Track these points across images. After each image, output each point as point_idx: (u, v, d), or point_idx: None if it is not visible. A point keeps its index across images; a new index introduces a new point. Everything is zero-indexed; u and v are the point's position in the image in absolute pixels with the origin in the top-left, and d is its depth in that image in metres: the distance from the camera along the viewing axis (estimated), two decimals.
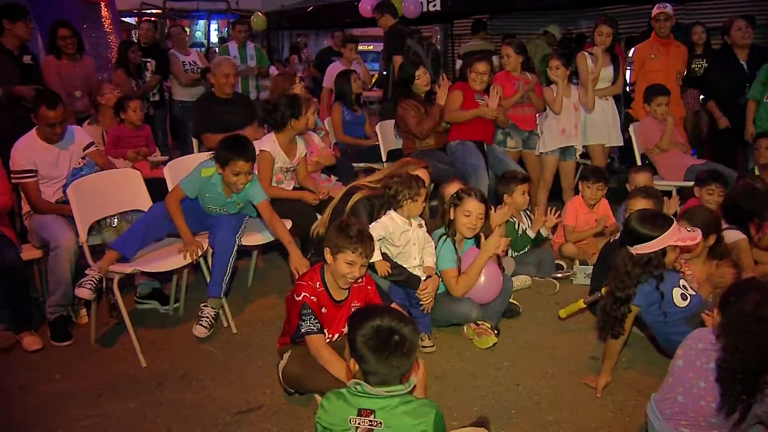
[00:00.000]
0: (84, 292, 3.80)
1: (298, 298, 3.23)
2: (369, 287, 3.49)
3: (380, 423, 2.17)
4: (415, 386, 2.27)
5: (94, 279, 3.82)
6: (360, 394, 2.21)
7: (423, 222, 4.01)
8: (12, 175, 4.30)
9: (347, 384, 2.29)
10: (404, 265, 3.89)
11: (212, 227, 4.20)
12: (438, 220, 4.29)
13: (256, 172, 4.34)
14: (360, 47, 19.43)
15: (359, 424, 2.19)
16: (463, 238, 4.23)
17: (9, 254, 4.00)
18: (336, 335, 3.35)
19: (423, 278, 3.89)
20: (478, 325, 4.06)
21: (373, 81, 11.33)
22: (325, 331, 3.25)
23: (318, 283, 3.30)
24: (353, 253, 3.19)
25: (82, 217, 4.10)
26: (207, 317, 4.09)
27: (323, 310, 3.28)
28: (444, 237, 4.12)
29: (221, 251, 4.07)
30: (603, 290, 4.00)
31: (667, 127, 5.93)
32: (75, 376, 3.78)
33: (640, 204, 4.28)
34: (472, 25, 10.04)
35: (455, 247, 4.14)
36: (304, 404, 3.40)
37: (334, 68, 8.01)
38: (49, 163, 4.39)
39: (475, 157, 5.59)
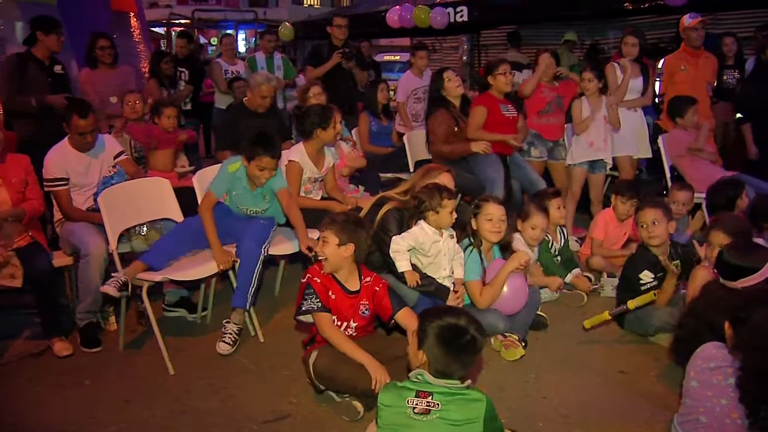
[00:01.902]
0: (109, 289, 3.84)
1: (303, 280, 3.34)
2: (377, 288, 3.52)
3: (437, 404, 2.37)
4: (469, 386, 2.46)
5: (119, 279, 3.86)
6: (421, 383, 2.41)
7: (454, 233, 4.00)
8: (45, 184, 4.36)
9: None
10: (433, 276, 3.90)
11: (239, 238, 4.23)
12: (458, 231, 4.28)
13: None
14: (386, 57, 19.64)
15: (416, 404, 2.38)
16: (491, 248, 4.21)
17: (41, 261, 4.07)
18: (344, 324, 3.40)
19: (452, 289, 3.89)
20: (505, 337, 4.04)
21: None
22: (329, 310, 3.32)
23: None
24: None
25: (112, 225, 4.16)
26: (230, 333, 4.12)
27: (331, 294, 3.36)
28: (470, 248, 4.11)
29: (247, 262, 4.10)
30: (629, 303, 3.99)
31: (702, 130, 5.88)
32: (104, 381, 3.82)
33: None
34: (508, 37, 10.02)
35: (482, 258, 4.13)
36: (331, 414, 3.40)
37: (407, 80, 7.56)
38: (81, 172, 4.45)
39: (494, 169, 5.53)
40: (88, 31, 6.37)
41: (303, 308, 3.27)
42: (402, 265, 3.84)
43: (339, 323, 3.36)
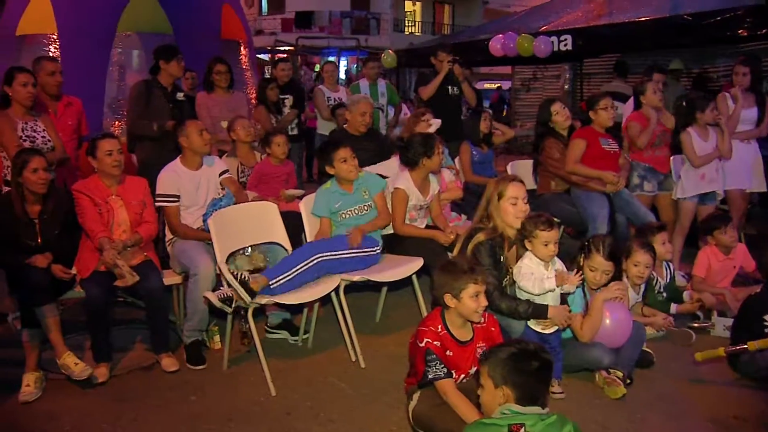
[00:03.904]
0: (211, 296, 3.97)
1: (421, 345, 3.24)
2: (493, 328, 3.45)
3: None
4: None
5: (225, 292, 3.97)
6: (510, 416, 2.41)
7: (562, 267, 3.90)
8: (156, 198, 4.56)
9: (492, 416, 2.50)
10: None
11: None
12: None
13: (390, 209, 4.63)
14: (486, 85, 19.69)
15: None
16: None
17: (153, 279, 4.24)
18: (462, 376, 3.32)
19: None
20: (609, 373, 3.92)
21: None
22: (452, 373, 3.23)
23: (439, 327, 3.30)
24: (475, 284, 3.21)
25: (221, 247, 4.29)
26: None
27: (448, 352, 3.26)
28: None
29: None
30: (749, 345, 3.80)
31: None
32: (208, 399, 3.93)
33: None
34: (615, 67, 9.84)
35: (585, 292, 4.04)
36: None
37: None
38: (191, 190, 4.62)
39: (598, 205, 5.40)
40: (201, 58, 6.63)
41: (429, 377, 3.19)
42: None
43: (457, 377, 3.28)
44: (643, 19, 8.77)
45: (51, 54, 7.12)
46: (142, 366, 4.35)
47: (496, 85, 20.75)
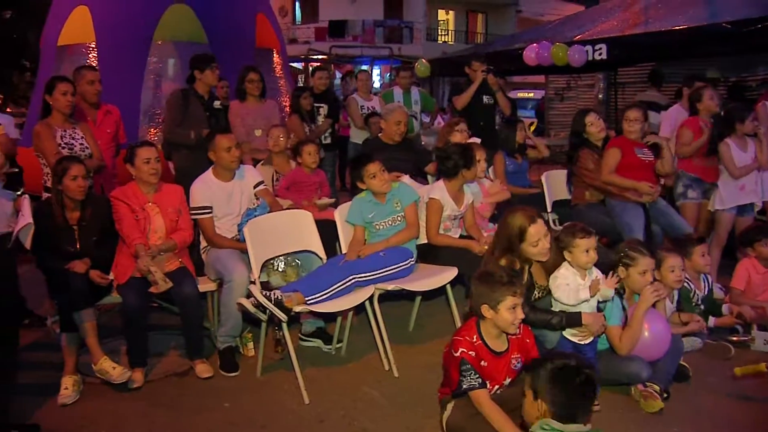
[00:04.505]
0: (245, 301, 3.99)
1: (456, 354, 3.23)
2: (528, 339, 3.43)
3: None
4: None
5: (257, 299, 3.98)
6: (550, 431, 2.41)
7: (599, 275, 3.85)
8: (190, 212, 4.60)
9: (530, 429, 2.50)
10: None
11: None
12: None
13: (424, 221, 4.65)
14: (519, 94, 19.58)
15: None
16: (632, 294, 4.06)
17: (188, 286, 4.28)
18: (497, 387, 3.30)
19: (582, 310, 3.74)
20: (645, 387, 3.87)
21: (532, 129, 11.25)
22: (487, 383, 3.22)
23: (475, 337, 3.28)
24: (513, 296, 3.19)
25: (256, 255, 4.32)
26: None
27: (483, 363, 3.25)
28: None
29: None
30: None
31: None
32: (242, 405, 3.95)
33: None
34: (649, 76, 9.74)
35: (624, 305, 3.99)
36: None
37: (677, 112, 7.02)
38: (223, 201, 4.66)
39: (632, 215, 5.34)
40: (235, 67, 6.69)
41: (464, 387, 3.18)
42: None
43: (491, 387, 3.26)
44: (680, 27, 8.67)
45: (89, 63, 7.24)
46: (176, 372, 4.39)
47: (530, 94, 20.66)
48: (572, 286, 3.72)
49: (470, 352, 3.22)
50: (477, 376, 3.17)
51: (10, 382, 3.56)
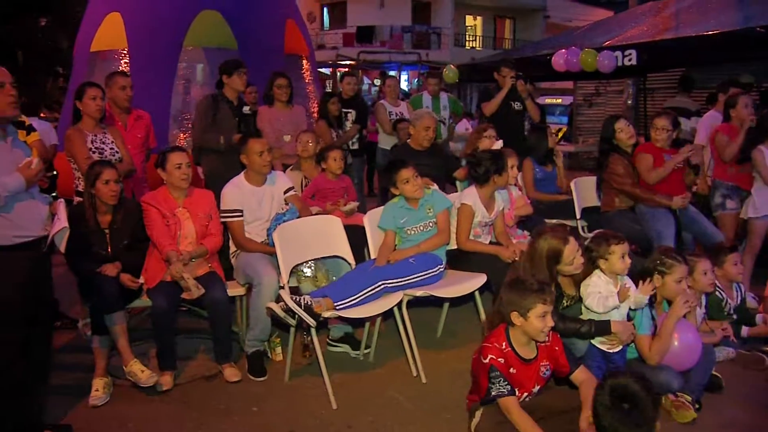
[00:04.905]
0: (274, 306, 3.99)
1: (485, 361, 3.22)
2: (557, 347, 3.41)
3: None
4: None
5: (287, 304, 3.98)
6: None
7: (630, 283, 3.82)
8: (221, 215, 4.63)
9: None
10: None
11: None
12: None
13: (455, 226, 4.67)
14: (548, 100, 19.47)
15: None
16: (662, 301, 4.01)
17: (218, 290, 4.31)
18: (525, 394, 3.28)
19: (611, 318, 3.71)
20: (676, 396, 3.81)
21: (560, 135, 11.16)
22: (515, 391, 3.20)
23: (504, 344, 3.27)
24: (543, 304, 3.17)
25: (285, 260, 4.34)
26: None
27: (512, 370, 3.24)
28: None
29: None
30: None
31: None
32: (270, 410, 3.97)
33: None
34: (680, 81, 9.62)
35: (653, 314, 3.94)
36: None
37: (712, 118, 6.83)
38: (254, 205, 4.69)
39: (663, 223, 5.30)
40: (265, 73, 6.73)
41: (493, 393, 3.17)
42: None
43: (520, 395, 3.25)
44: (712, 32, 8.56)
45: (121, 68, 7.33)
46: (205, 375, 4.42)
47: (558, 100, 20.54)
48: (604, 292, 3.69)
49: (499, 359, 3.21)
50: (506, 383, 3.16)
51: (46, 384, 3.60)
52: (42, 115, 11.53)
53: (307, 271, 4.71)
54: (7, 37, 17.00)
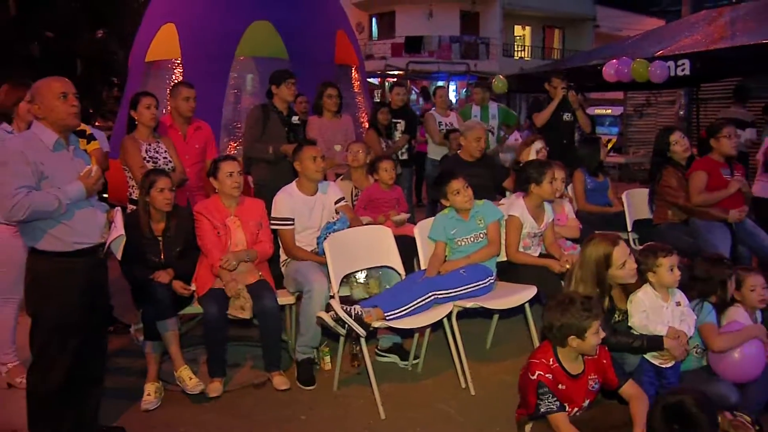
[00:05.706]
0: (324, 315, 3.99)
1: (532, 377, 3.18)
2: (604, 360, 3.35)
3: None
4: None
5: (337, 313, 3.97)
6: None
7: (682, 297, 3.76)
8: (271, 222, 4.67)
9: None
10: None
11: None
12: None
13: (504, 238, 4.64)
14: (597, 111, 19.28)
15: None
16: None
17: (268, 298, 4.34)
18: (576, 409, 3.24)
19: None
20: (734, 416, 3.70)
21: (610, 145, 11.02)
22: (565, 406, 3.16)
23: (551, 360, 3.23)
24: (596, 320, 3.14)
25: (336, 269, 4.36)
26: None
27: (560, 386, 3.20)
28: (701, 304, 3.82)
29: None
30: None
31: None
32: (318, 418, 3.98)
33: None
34: (734, 92, 9.40)
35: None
36: None
37: None
38: (305, 214, 4.72)
39: (717, 237, 5.17)
40: (316, 83, 6.80)
41: (542, 410, 3.14)
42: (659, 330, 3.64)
43: (570, 410, 3.22)
44: None
45: (175, 78, 7.46)
46: (254, 383, 4.45)
47: (608, 110, 20.33)
48: (651, 308, 3.62)
49: (547, 375, 3.17)
50: (555, 399, 3.12)
51: (101, 388, 3.66)
52: (97, 123, 11.80)
53: (360, 278, 4.72)
54: (67, 50, 17.47)
